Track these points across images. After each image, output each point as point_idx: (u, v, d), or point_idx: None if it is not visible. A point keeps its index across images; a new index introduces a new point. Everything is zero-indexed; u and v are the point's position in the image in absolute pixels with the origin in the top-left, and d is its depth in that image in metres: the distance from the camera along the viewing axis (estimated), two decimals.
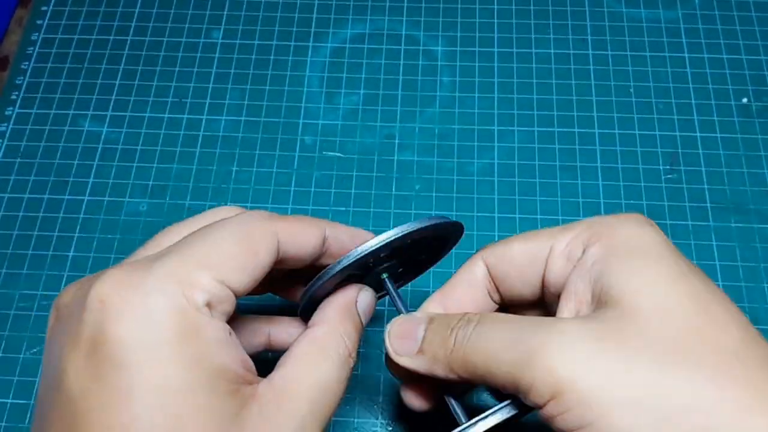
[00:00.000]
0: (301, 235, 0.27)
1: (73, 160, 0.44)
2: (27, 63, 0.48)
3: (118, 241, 0.42)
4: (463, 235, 0.31)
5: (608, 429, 0.21)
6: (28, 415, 0.37)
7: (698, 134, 0.44)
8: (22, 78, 0.48)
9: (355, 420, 0.36)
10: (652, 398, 0.21)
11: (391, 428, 0.36)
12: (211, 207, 0.42)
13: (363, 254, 0.26)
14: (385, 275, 0.30)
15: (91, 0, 0.51)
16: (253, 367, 0.25)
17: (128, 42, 0.49)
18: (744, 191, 0.42)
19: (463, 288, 0.29)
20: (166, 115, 0.46)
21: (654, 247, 0.24)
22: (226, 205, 0.42)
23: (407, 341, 0.27)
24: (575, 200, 0.42)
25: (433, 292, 0.30)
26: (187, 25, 0.49)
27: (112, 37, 0.49)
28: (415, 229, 0.27)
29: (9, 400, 0.37)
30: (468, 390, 0.36)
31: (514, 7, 0.50)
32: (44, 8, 0.50)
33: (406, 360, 0.27)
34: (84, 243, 0.42)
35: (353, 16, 0.50)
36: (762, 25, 0.48)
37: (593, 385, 0.21)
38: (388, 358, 0.28)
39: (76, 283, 0.24)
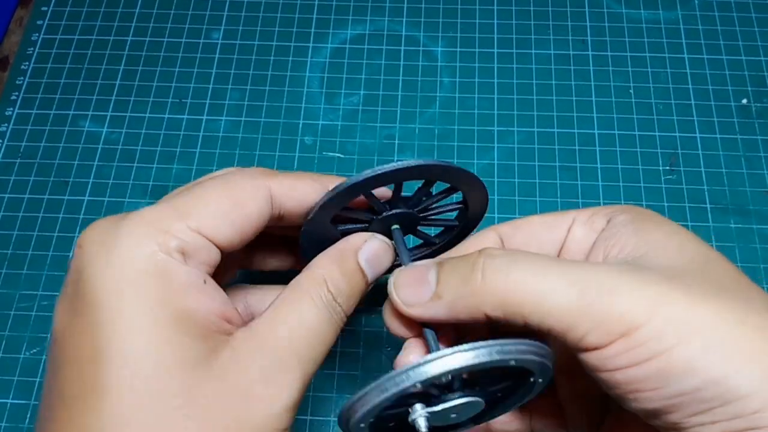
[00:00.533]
0: (298, 189, 0.27)
1: (73, 160, 0.45)
2: (27, 63, 0.48)
3: None
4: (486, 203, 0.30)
5: (680, 356, 0.21)
6: (28, 415, 0.37)
7: (698, 135, 0.44)
8: (22, 78, 0.48)
9: None
10: (713, 327, 0.21)
11: None
12: None
13: (366, 177, 0.25)
14: (395, 226, 0.28)
15: (91, 0, 0.51)
16: (237, 319, 0.25)
17: (128, 42, 0.49)
18: (744, 192, 0.42)
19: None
20: (166, 116, 0.46)
21: (671, 223, 0.25)
22: None
23: (418, 288, 0.24)
24: (575, 201, 0.42)
25: None
26: (187, 26, 0.50)
27: (112, 38, 0.49)
28: (435, 163, 0.26)
29: (9, 400, 0.37)
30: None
31: (513, 7, 0.50)
32: (44, 8, 0.50)
33: (419, 309, 0.24)
34: None
35: (353, 16, 0.50)
36: (762, 26, 0.48)
37: (666, 319, 0.21)
38: (391, 313, 0.26)
39: None
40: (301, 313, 0.24)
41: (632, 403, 0.23)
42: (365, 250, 0.27)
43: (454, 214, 0.30)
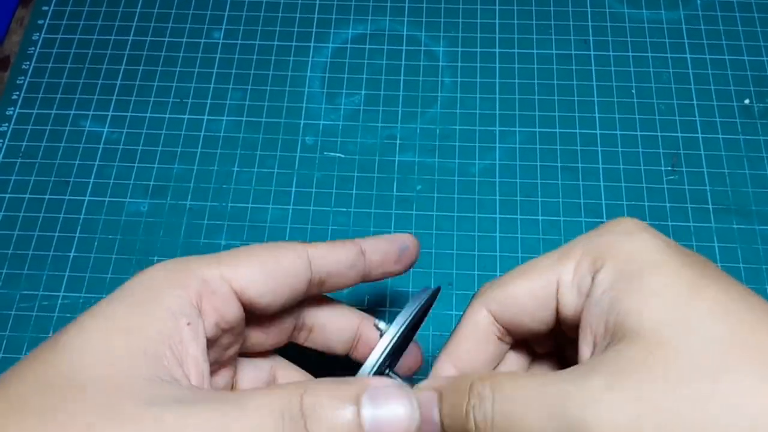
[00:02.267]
0: (335, 251, 0.28)
1: (74, 160, 0.44)
2: (28, 63, 0.48)
3: (119, 241, 0.42)
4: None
5: None
6: None
7: (700, 135, 0.44)
8: (23, 78, 0.48)
9: None
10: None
11: None
12: (211, 207, 0.42)
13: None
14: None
15: (92, 0, 0.51)
16: (198, 381, 0.23)
17: (129, 42, 0.49)
18: (746, 192, 0.42)
19: (470, 342, 0.27)
20: (167, 116, 0.46)
21: (659, 259, 0.23)
22: (226, 204, 0.42)
23: (427, 426, 0.24)
24: (577, 201, 0.42)
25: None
26: (188, 26, 0.49)
27: (113, 37, 0.49)
28: (422, 301, 0.28)
29: None
30: None
31: (515, 7, 0.49)
32: (45, 8, 0.50)
33: None
34: (85, 243, 0.42)
35: (354, 16, 0.50)
36: (764, 26, 0.48)
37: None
38: None
39: None
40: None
41: None
42: (371, 392, 0.23)
43: None
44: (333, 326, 0.31)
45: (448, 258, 0.41)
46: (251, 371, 0.30)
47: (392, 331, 0.26)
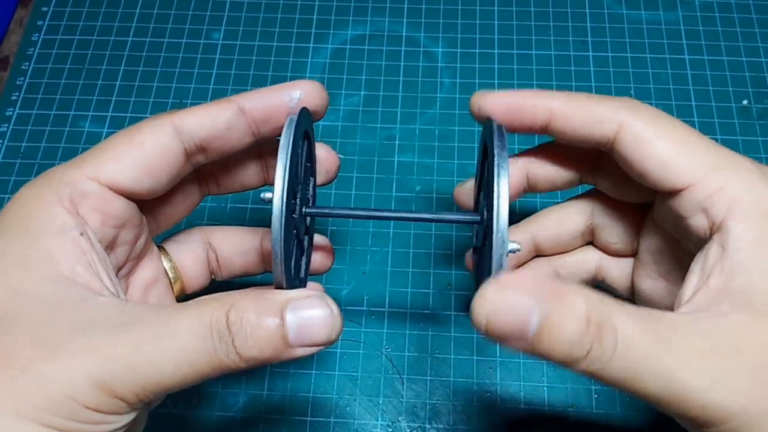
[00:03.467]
0: (204, 114, 0.26)
1: None
2: (27, 63, 0.48)
3: None
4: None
5: None
6: None
7: None
8: (22, 79, 0.48)
9: (356, 421, 0.36)
10: None
11: (391, 429, 0.36)
12: (210, 208, 0.43)
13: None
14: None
15: (91, 1, 0.51)
16: (100, 288, 0.23)
17: (129, 43, 0.49)
18: None
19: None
20: None
21: None
22: (225, 205, 0.42)
23: (516, 327, 0.21)
24: None
25: None
26: (187, 26, 0.50)
27: (112, 38, 0.49)
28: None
29: None
30: None
31: (514, 8, 0.50)
32: (45, 9, 0.50)
33: (508, 342, 0.21)
34: None
35: (354, 17, 0.50)
36: (762, 27, 0.48)
37: (758, 413, 0.20)
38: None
39: None
40: (183, 341, 0.22)
41: None
42: (291, 322, 0.23)
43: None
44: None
45: (447, 259, 0.41)
46: (185, 252, 0.30)
47: (281, 165, 0.24)
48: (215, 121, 0.26)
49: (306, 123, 0.27)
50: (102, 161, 0.24)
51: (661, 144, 0.24)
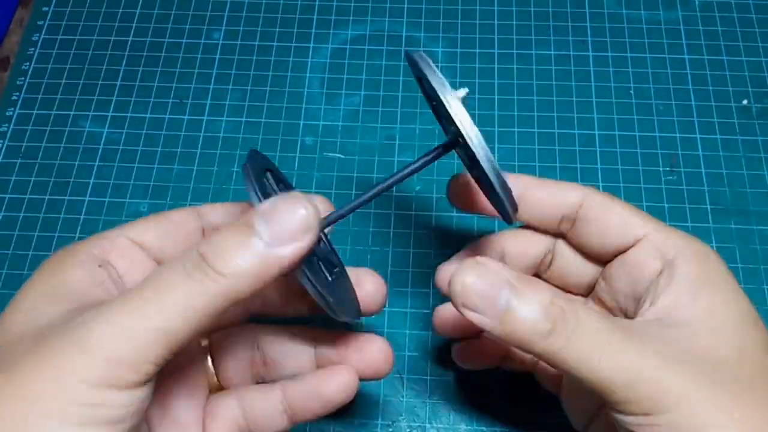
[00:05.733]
0: (224, 206, 0.29)
1: (74, 160, 0.45)
2: (28, 64, 0.48)
3: None
4: None
5: None
6: None
7: (698, 136, 0.44)
8: (23, 79, 0.48)
9: (356, 420, 0.36)
10: (740, 428, 0.23)
11: (391, 429, 0.36)
12: None
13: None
14: None
15: (92, 1, 0.51)
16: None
17: (129, 43, 0.49)
18: (744, 193, 0.42)
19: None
20: (167, 116, 0.46)
21: (728, 282, 0.27)
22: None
23: (487, 304, 0.23)
24: None
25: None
26: (187, 26, 0.50)
27: (113, 38, 0.49)
28: None
29: None
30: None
31: (514, 8, 0.50)
32: (45, 9, 0.51)
33: (474, 317, 0.23)
34: None
35: (354, 17, 0.50)
36: (762, 27, 0.48)
37: (690, 411, 0.23)
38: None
39: None
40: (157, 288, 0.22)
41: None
42: (264, 205, 0.23)
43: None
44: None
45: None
46: (228, 355, 0.30)
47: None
48: (231, 211, 0.29)
49: (258, 162, 0.28)
50: (129, 225, 0.27)
51: (619, 206, 0.29)
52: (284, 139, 0.45)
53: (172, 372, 0.27)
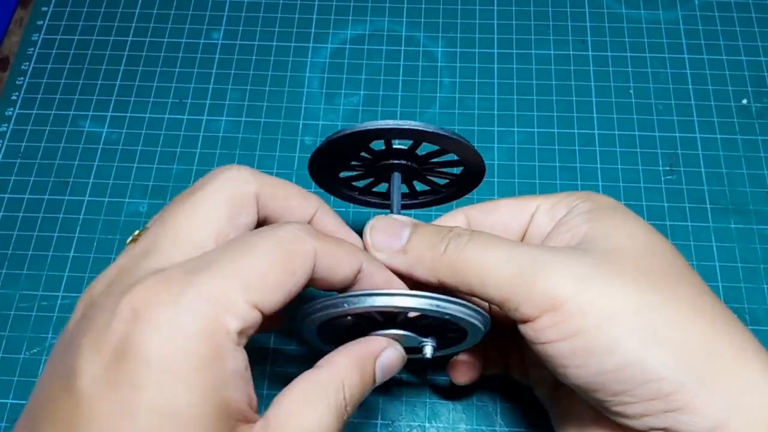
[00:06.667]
0: (337, 262, 0.25)
1: (74, 160, 0.45)
2: (27, 64, 0.48)
3: (119, 241, 0.42)
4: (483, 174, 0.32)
5: (600, 335, 0.24)
6: None
7: (698, 135, 0.44)
8: (22, 79, 0.48)
9: (355, 420, 0.36)
10: (634, 311, 0.24)
11: (391, 429, 0.36)
12: None
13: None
14: (396, 173, 0.32)
15: (91, 1, 0.51)
16: (256, 404, 0.24)
17: (128, 43, 0.49)
18: (744, 192, 0.42)
19: None
20: (167, 116, 0.46)
21: (628, 211, 0.28)
22: None
23: (390, 238, 0.28)
24: None
25: None
26: (187, 26, 0.50)
27: (112, 38, 0.49)
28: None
29: (9, 400, 0.37)
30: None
31: (513, 8, 0.50)
32: (44, 9, 0.51)
33: (383, 256, 0.27)
34: (84, 244, 0.42)
35: (353, 17, 0.50)
36: (762, 27, 0.48)
37: (590, 299, 0.24)
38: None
39: (107, 278, 0.24)
40: (320, 418, 0.23)
41: (563, 378, 0.26)
42: (384, 359, 0.27)
43: (455, 169, 0.32)
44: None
45: None
46: None
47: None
48: (341, 272, 0.26)
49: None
50: (263, 289, 0.23)
51: (503, 200, 0.32)
52: (283, 139, 0.45)
53: None
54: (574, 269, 0.25)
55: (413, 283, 0.28)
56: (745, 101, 0.45)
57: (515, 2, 0.50)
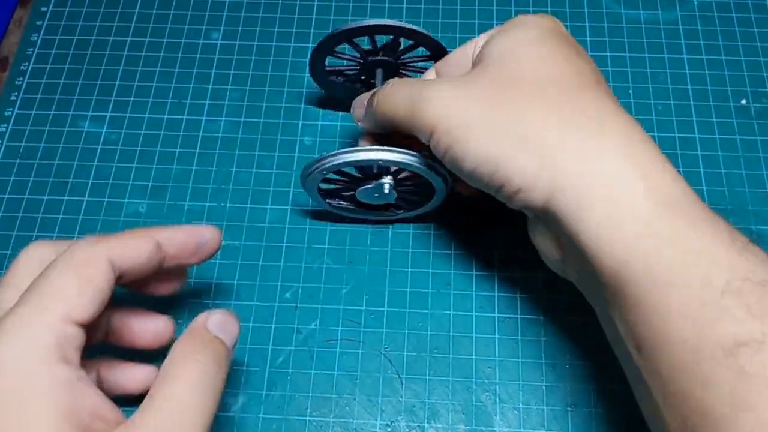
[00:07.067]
0: (132, 247, 0.29)
1: (73, 161, 0.45)
2: (26, 64, 0.48)
3: None
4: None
5: (457, 146, 0.30)
6: None
7: (697, 135, 0.44)
8: (21, 79, 0.48)
9: (354, 421, 0.37)
10: (493, 119, 0.29)
11: (390, 429, 0.36)
12: (210, 208, 0.43)
13: (345, 28, 0.39)
14: (379, 69, 0.41)
15: (90, 1, 0.51)
16: (112, 415, 0.26)
17: (128, 43, 0.49)
18: (743, 192, 0.42)
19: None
20: (166, 116, 0.46)
21: (536, 27, 0.32)
22: (224, 204, 0.42)
23: (360, 109, 0.37)
24: None
25: None
26: (186, 26, 0.50)
27: (111, 38, 0.49)
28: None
29: None
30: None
31: (512, 8, 0.50)
32: (44, 9, 0.51)
33: (363, 123, 0.37)
34: None
35: (353, 17, 0.50)
36: (761, 27, 0.48)
37: (455, 120, 0.30)
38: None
39: None
40: (179, 396, 0.26)
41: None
42: (211, 320, 0.30)
43: (429, 64, 0.39)
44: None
45: (447, 258, 0.41)
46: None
47: None
48: (140, 255, 0.30)
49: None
50: (69, 304, 0.26)
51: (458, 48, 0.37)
52: (283, 139, 0.45)
53: None
54: (444, 96, 0.30)
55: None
56: (744, 101, 0.45)
57: (514, 2, 0.50)
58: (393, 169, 0.36)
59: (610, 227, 0.26)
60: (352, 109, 0.38)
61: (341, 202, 0.40)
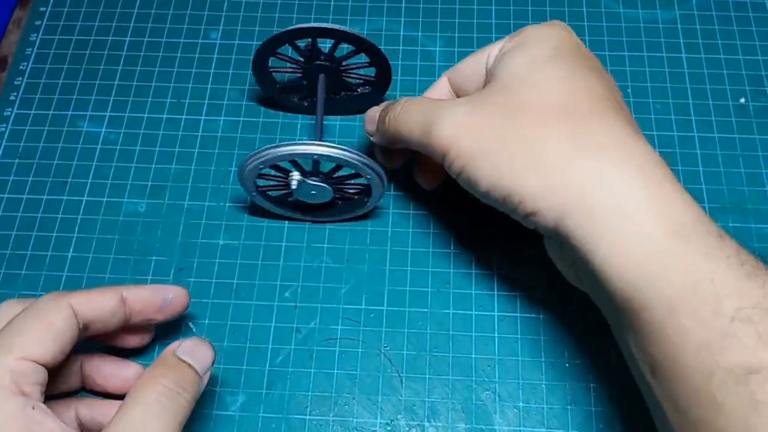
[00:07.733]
0: (95, 300, 0.32)
1: (72, 160, 0.45)
2: (25, 64, 0.48)
3: (117, 241, 0.42)
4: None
5: (468, 172, 0.30)
6: None
7: (696, 134, 0.44)
8: (20, 79, 0.48)
9: (354, 420, 0.37)
10: (506, 146, 0.29)
11: (389, 428, 0.36)
12: (209, 207, 0.43)
13: (287, 30, 0.39)
14: (321, 75, 0.41)
15: (89, 1, 0.51)
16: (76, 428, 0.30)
17: (126, 43, 0.49)
18: (741, 191, 0.42)
19: (433, 95, 0.38)
20: (165, 116, 0.46)
21: (549, 42, 0.32)
22: (224, 204, 0.42)
23: (371, 124, 0.38)
24: None
25: None
26: (185, 26, 0.50)
27: (110, 38, 0.49)
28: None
29: None
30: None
31: (512, 7, 0.50)
32: (42, 9, 0.51)
33: (375, 138, 0.38)
34: (83, 243, 0.42)
35: (351, 16, 0.50)
36: (759, 26, 0.48)
37: (468, 145, 0.30)
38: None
39: None
40: (138, 418, 0.28)
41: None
42: (181, 347, 0.31)
43: (371, 70, 0.42)
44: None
45: (446, 257, 0.41)
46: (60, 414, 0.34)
47: None
48: (103, 308, 0.32)
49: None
50: (28, 345, 0.29)
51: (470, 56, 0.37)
52: (282, 138, 0.45)
53: None
54: (458, 121, 0.31)
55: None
56: (743, 100, 0.45)
57: (513, 2, 0.50)
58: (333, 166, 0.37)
59: (620, 254, 0.26)
60: (363, 124, 0.39)
61: (273, 203, 0.40)
